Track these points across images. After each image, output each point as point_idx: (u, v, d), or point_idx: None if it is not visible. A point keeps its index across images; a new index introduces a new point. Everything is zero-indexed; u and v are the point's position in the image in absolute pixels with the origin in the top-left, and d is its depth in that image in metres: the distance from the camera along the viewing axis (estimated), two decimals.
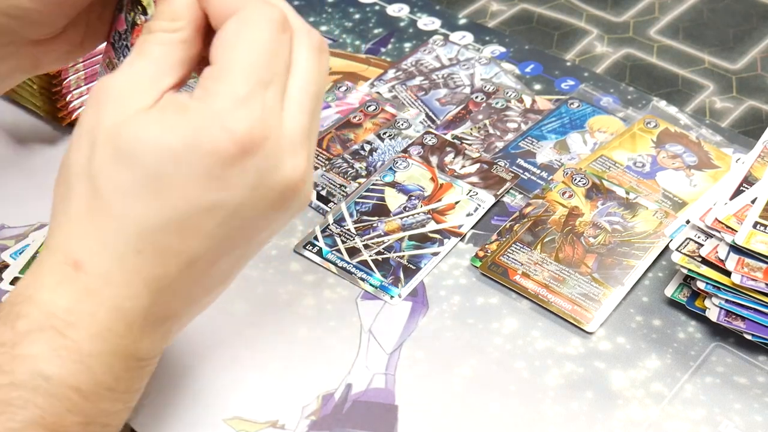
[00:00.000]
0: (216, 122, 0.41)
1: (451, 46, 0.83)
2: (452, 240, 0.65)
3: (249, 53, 0.42)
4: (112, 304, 0.42)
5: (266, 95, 0.42)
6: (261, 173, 0.42)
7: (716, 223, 0.57)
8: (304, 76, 0.44)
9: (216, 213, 0.42)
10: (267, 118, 0.42)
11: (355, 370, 0.58)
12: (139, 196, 0.41)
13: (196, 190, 0.41)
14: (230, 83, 0.41)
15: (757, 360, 0.58)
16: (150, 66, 0.43)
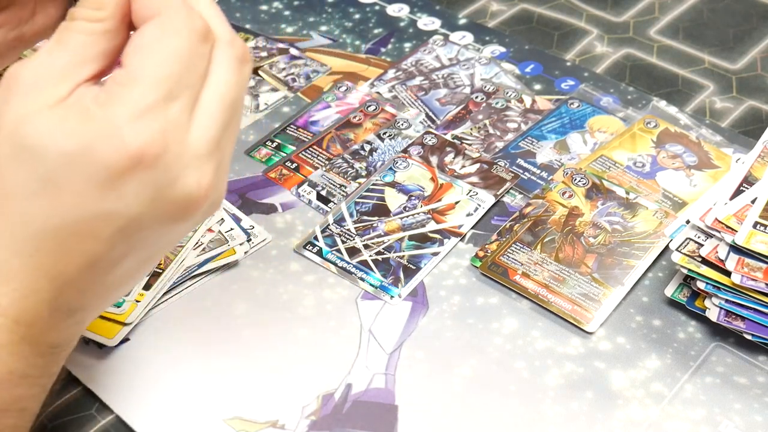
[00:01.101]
0: (112, 133, 0.39)
1: (451, 46, 0.83)
2: (452, 240, 0.65)
3: (162, 63, 0.40)
4: (15, 296, 0.42)
5: (171, 108, 0.40)
6: (158, 187, 0.41)
7: (716, 223, 0.57)
8: (220, 87, 0.42)
9: (112, 221, 0.41)
10: (167, 132, 0.40)
11: (355, 370, 0.58)
12: (36, 196, 0.40)
13: (90, 198, 0.40)
14: (136, 92, 0.40)
15: (757, 360, 0.58)
16: (67, 55, 0.41)
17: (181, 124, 0.41)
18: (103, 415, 0.56)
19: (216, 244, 0.64)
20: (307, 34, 0.85)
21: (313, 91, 0.79)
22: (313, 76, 0.80)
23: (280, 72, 0.81)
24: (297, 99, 0.78)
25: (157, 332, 0.60)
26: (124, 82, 0.40)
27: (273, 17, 0.87)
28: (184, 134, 0.41)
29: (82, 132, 0.40)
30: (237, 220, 0.66)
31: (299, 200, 0.69)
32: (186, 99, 0.41)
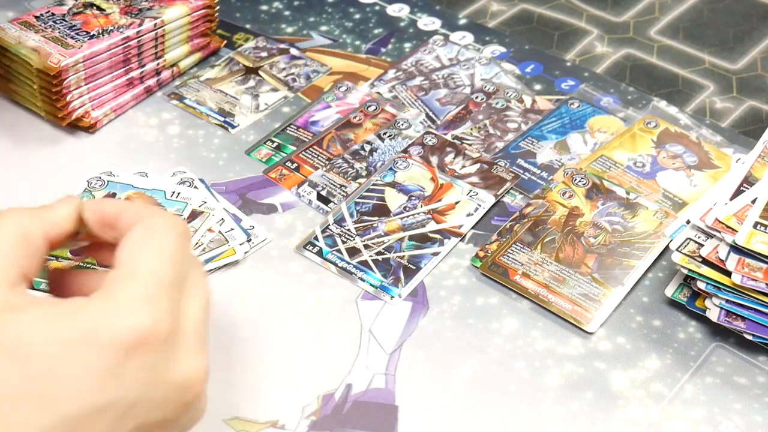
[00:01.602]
0: (118, 314, 0.40)
1: (451, 46, 0.83)
2: (452, 240, 0.65)
3: (156, 257, 0.42)
4: None
5: (171, 296, 0.42)
6: (160, 368, 0.41)
7: (716, 223, 0.57)
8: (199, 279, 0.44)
9: (109, 413, 0.39)
10: (170, 315, 0.41)
11: (355, 370, 0.58)
12: (26, 398, 0.38)
13: (90, 388, 0.39)
14: (136, 282, 0.41)
15: (757, 360, 0.58)
16: None
17: (180, 311, 0.42)
18: None
19: (216, 244, 0.64)
20: (307, 34, 0.85)
21: (313, 91, 0.79)
22: (313, 76, 0.80)
23: (280, 72, 0.81)
24: (297, 99, 0.78)
25: None
26: (121, 277, 0.41)
27: (273, 17, 0.87)
28: (183, 321, 0.42)
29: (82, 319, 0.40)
30: (237, 220, 0.66)
31: (299, 200, 0.69)
32: (180, 289, 0.43)
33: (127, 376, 0.40)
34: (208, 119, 0.76)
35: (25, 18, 0.75)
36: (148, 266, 0.42)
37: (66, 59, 0.71)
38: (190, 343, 0.42)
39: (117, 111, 0.77)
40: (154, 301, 0.41)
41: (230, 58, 0.82)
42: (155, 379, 0.41)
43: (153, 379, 0.41)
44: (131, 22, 0.76)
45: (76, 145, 0.74)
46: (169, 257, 0.43)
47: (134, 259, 0.42)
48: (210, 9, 0.80)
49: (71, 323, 0.40)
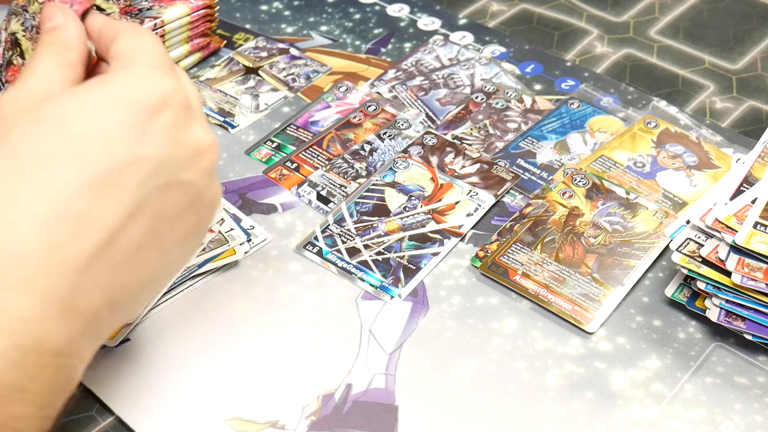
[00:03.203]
0: (142, 79, 0.44)
1: (451, 46, 0.83)
2: (452, 240, 0.65)
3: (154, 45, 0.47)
4: (20, 288, 0.39)
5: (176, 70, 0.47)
6: (180, 129, 0.45)
7: (716, 223, 0.57)
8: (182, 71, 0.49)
9: (138, 168, 0.43)
10: (184, 86, 0.47)
11: (355, 371, 0.58)
12: (61, 157, 0.41)
13: (121, 145, 0.42)
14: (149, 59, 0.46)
15: (757, 360, 0.58)
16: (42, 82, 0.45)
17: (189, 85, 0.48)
18: (104, 417, 0.56)
19: (216, 244, 0.64)
20: (307, 34, 0.85)
21: (313, 91, 0.79)
22: (313, 76, 0.80)
23: (280, 72, 0.81)
24: (297, 99, 0.78)
25: (157, 332, 0.60)
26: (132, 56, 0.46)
27: (273, 17, 0.87)
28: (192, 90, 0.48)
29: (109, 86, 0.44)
30: (237, 220, 0.66)
31: (299, 200, 0.69)
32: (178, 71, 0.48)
33: (152, 133, 0.43)
34: (208, 119, 0.76)
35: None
36: (151, 49, 0.46)
37: None
38: (199, 114, 0.47)
39: None
40: (170, 72, 0.46)
41: (230, 58, 0.82)
42: (176, 138, 0.45)
43: (174, 139, 0.44)
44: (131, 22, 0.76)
45: None
46: (161, 45, 0.47)
47: (136, 46, 0.46)
48: (210, 9, 0.80)
49: (103, 89, 0.44)
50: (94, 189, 0.41)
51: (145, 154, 0.43)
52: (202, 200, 0.47)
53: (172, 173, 0.44)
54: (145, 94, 0.44)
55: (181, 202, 0.45)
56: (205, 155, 0.46)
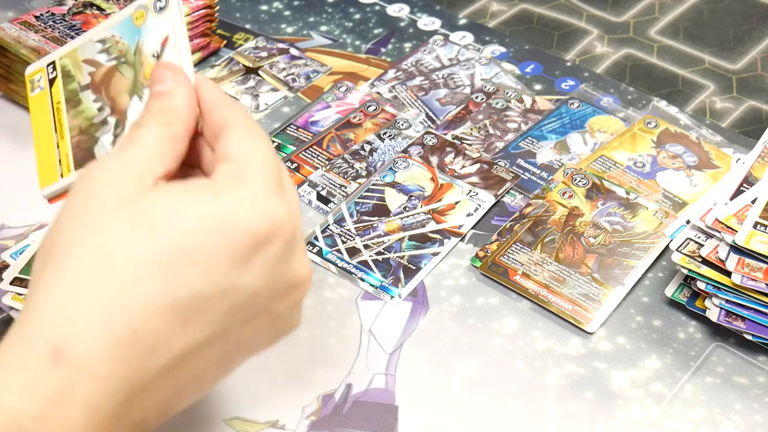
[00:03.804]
0: (255, 204, 0.41)
1: (451, 46, 0.83)
2: (452, 240, 0.65)
3: (271, 155, 0.43)
4: (88, 404, 0.37)
5: (288, 193, 0.43)
6: (282, 261, 0.41)
7: (716, 223, 0.57)
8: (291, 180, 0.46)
9: (230, 298, 0.40)
10: (293, 212, 0.42)
11: (355, 371, 0.58)
12: (154, 269, 0.38)
13: (219, 270, 0.39)
14: (259, 176, 0.42)
15: (757, 360, 0.58)
16: (143, 153, 0.42)
17: (297, 209, 0.44)
18: None
19: None
20: (307, 34, 0.85)
21: (313, 91, 0.79)
22: (313, 76, 0.80)
23: (280, 72, 0.81)
24: (297, 99, 0.78)
25: None
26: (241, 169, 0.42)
27: (273, 17, 0.87)
28: (298, 212, 0.44)
29: (220, 202, 0.40)
30: None
31: (299, 200, 0.69)
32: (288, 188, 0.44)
33: (254, 264, 0.40)
34: None
35: (25, 18, 0.75)
36: (267, 161, 0.42)
37: None
38: (301, 243, 0.43)
39: None
40: (282, 194, 0.42)
41: (230, 58, 0.82)
42: (276, 272, 0.41)
43: (274, 272, 0.41)
44: None
45: None
46: (274, 152, 0.43)
47: (252, 154, 0.42)
48: (210, 9, 0.80)
49: (211, 204, 0.40)
50: (178, 311, 0.39)
51: (241, 285, 0.40)
52: (283, 328, 0.44)
53: (263, 306, 0.42)
54: (256, 221, 0.40)
55: (262, 329, 0.43)
56: (299, 288, 0.43)
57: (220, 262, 0.39)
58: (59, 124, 0.50)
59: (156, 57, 0.47)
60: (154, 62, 0.47)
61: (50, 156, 0.50)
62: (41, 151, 0.51)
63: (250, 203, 0.40)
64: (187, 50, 0.46)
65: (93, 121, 0.49)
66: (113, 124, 0.48)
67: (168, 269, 0.38)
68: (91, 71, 0.50)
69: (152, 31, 0.47)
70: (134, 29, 0.48)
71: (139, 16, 0.48)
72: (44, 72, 0.52)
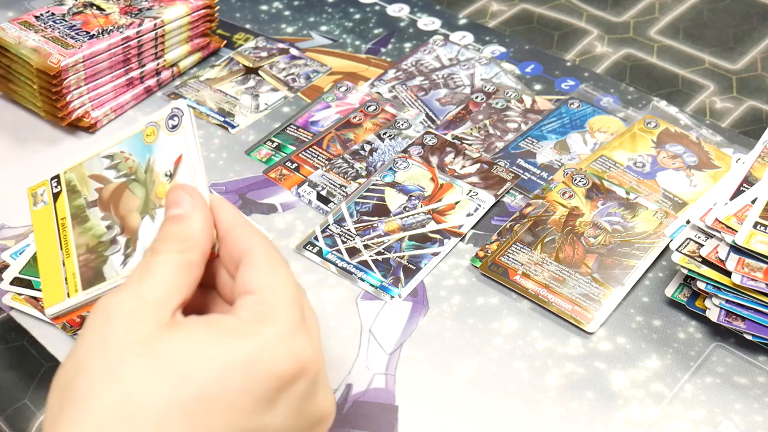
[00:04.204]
0: (280, 344, 0.40)
1: (451, 46, 0.83)
2: (452, 240, 0.65)
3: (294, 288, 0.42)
4: None
5: (310, 328, 0.42)
6: (307, 399, 0.41)
7: (716, 223, 0.57)
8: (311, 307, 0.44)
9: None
10: (317, 348, 0.42)
11: (355, 371, 0.58)
12: (178, 417, 0.37)
13: (246, 413, 0.38)
14: (282, 313, 0.41)
15: (757, 360, 0.58)
16: (159, 286, 0.41)
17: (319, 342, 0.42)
18: None
19: None
20: (307, 34, 0.85)
21: (313, 91, 0.79)
22: (313, 76, 0.80)
23: (280, 72, 0.81)
24: (297, 99, 0.78)
25: None
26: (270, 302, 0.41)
27: (273, 17, 0.87)
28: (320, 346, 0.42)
29: (243, 344, 0.39)
30: None
31: (299, 200, 0.69)
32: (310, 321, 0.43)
33: (280, 405, 0.40)
34: (208, 119, 0.76)
35: (25, 18, 0.75)
36: (290, 296, 0.42)
37: (66, 59, 0.71)
38: (325, 377, 0.43)
39: (117, 111, 0.77)
40: (306, 332, 0.41)
41: (230, 58, 0.82)
42: (301, 409, 0.41)
43: (299, 410, 0.40)
44: (131, 22, 0.76)
45: (76, 145, 0.74)
46: (296, 284, 0.42)
47: (275, 290, 0.42)
48: (210, 9, 0.80)
49: (235, 348, 0.39)
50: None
51: (267, 426, 0.39)
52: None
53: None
54: (282, 362, 0.39)
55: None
56: (323, 422, 0.43)
57: (246, 405, 0.38)
58: (65, 242, 0.49)
59: (169, 176, 0.45)
60: (167, 181, 0.45)
61: (56, 274, 0.49)
62: (46, 268, 0.49)
63: (276, 344, 0.40)
64: (202, 170, 0.45)
65: (101, 240, 0.47)
66: (123, 244, 0.46)
67: (193, 415, 0.38)
68: (99, 187, 0.48)
69: (164, 150, 0.46)
70: (145, 146, 0.47)
71: (150, 134, 0.47)
72: (48, 186, 0.51)
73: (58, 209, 0.50)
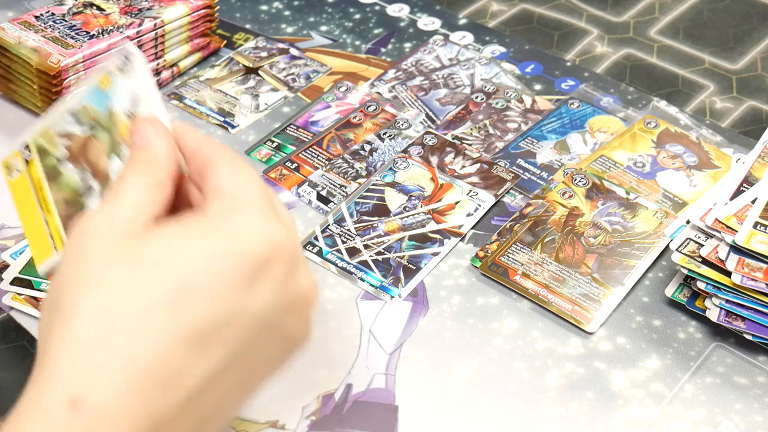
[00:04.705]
0: (252, 229, 0.41)
1: (451, 46, 0.83)
2: (452, 240, 0.65)
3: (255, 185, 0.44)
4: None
5: (281, 216, 0.44)
6: (287, 280, 0.42)
7: (716, 223, 0.57)
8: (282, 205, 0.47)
9: (240, 323, 0.40)
10: (291, 231, 0.43)
11: (355, 371, 0.58)
12: (161, 311, 0.39)
13: (227, 296, 0.40)
14: (250, 203, 0.42)
15: (757, 360, 0.58)
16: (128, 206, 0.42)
17: (294, 228, 0.45)
18: None
19: None
20: (307, 34, 0.85)
21: (313, 91, 0.79)
22: (313, 76, 0.80)
23: (280, 72, 0.81)
24: (297, 99, 0.78)
25: None
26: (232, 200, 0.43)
27: (273, 17, 0.87)
28: (296, 233, 0.45)
29: (216, 233, 0.41)
30: None
31: (299, 200, 0.69)
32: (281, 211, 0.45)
33: (259, 288, 0.41)
34: (208, 119, 0.76)
35: (25, 18, 0.75)
36: (255, 190, 0.43)
37: (66, 59, 0.71)
38: (303, 260, 0.44)
39: None
40: (277, 218, 0.43)
41: (230, 58, 0.82)
42: (282, 291, 0.42)
43: (280, 291, 0.42)
44: (131, 22, 0.76)
45: None
46: (263, 183, 0.44)
47: (239, 185, 0.43)
48: (210, 9, 0.80)
49: (209, 238, 0.41)
50: (191, 344, 0.39)
51: (249, 309, 0.41)
52: (295, 343, 0.45)
53: (274, 325, 0.42)
54: (257, 245, 0.41)
55: (276, 347, 0.44)
56: (307, 304, 0.44)
57: (226, 289, 0.40)
58: (44, 201, 0.50)
59: (129, 116, 0.47)
60: (128, 121, 0.47)
61: (41, 233, 0.50)
62: (31, 231, 0.51)
63: (248, 230, 0.41)
64: (159, 102, 0.46)
65: (77, 191, 0.49)
66: (98, 188, 0.48)
67: (175, 306, 0.39)
68: (68, 144, 0.50)
69: (122, 92, 0.47)
70: (103, 94, 0.48)
71: (105, 81, 0.48)
72: (19, 155, 0.52)
73: (32, 174, 0.52)
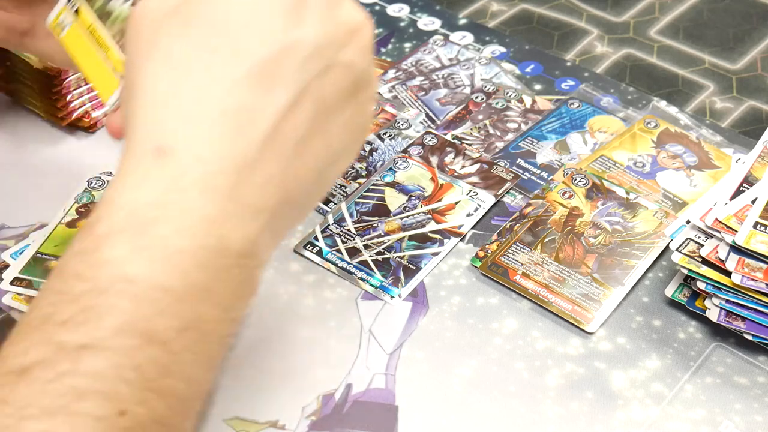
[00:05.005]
0: None
1: (451, 46, 0.83)
2: (452, 240, 0.65)
3: None
4: (200, 187, 0.40)
5: None
6: (330, 8, 0.43)
7: (716, 223, 0.57)
8: None
9: (295, 53, 0.42)
10: None
11: (355, 371, 0.58)
12: (216, 54, 0.41)
13: (275, 30, 0.42)
14: None
15: (757, 360, 0.58)
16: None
17: None
18: None
19: None
20: None
21: None
22: None
23: None
24: None
25: None
26: None
27: None
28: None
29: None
30: None
31: None
32: None
33: (304, 16, 0.42)
34: None
35: None
36: None
37: None
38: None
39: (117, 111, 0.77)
40: None
41: None
42: (329, 19, 0.43)
43: (327, 19, 0.43)
44: None
45: (76, 145, 0.74)
46: None
47: None
48: None
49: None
50: (253, 80, 0.41)
51: (300, 38, 0.42)
52: (361, 82, 0.45)
53: (330, 55, 0.43)
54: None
55: (342, 85, 0.44)
56: (360, 33, 0.45)
57: (271, 24, 0.42)
58: (100, 41, 0.52)
59: None
60: None
61: (103, 72, 0.51)
62: (93, 74, 0.52)
63: None
64: None
65: None
66: None
67: (228, 48, 0.41)
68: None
69: None
70: None
71: None
72: (66, 9, 0.54)
73: (83, 20, 0.53)
